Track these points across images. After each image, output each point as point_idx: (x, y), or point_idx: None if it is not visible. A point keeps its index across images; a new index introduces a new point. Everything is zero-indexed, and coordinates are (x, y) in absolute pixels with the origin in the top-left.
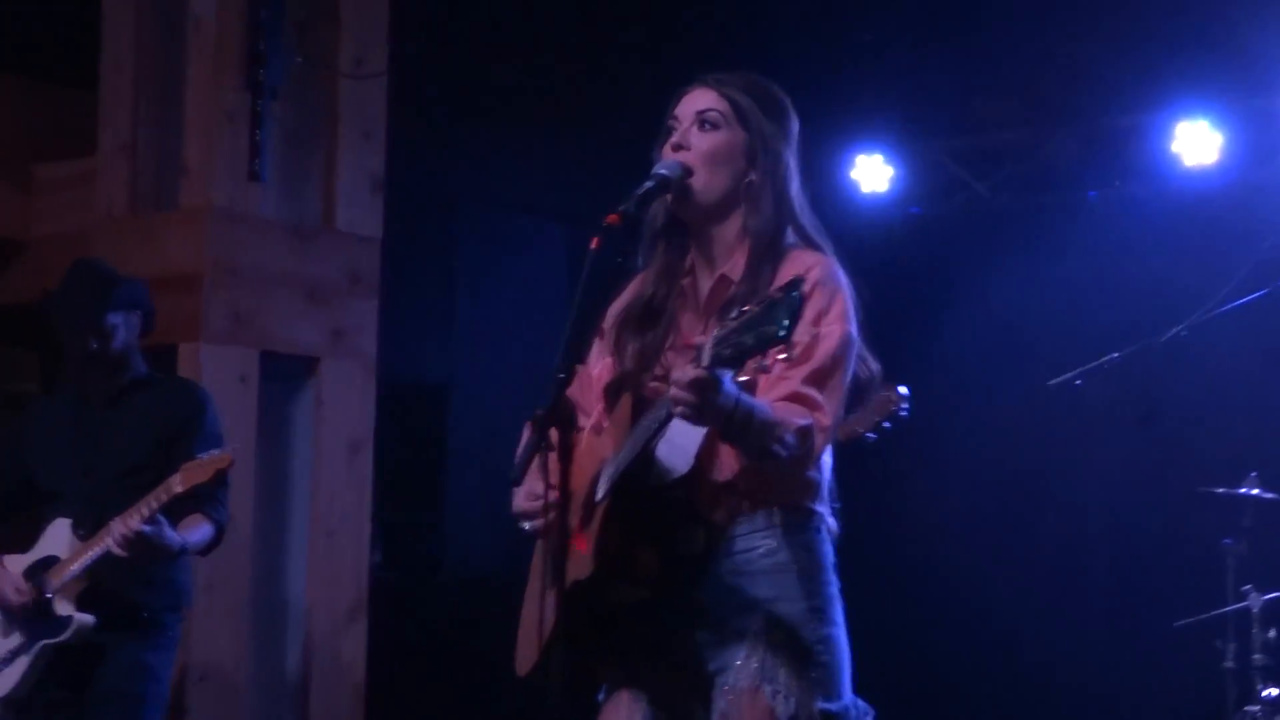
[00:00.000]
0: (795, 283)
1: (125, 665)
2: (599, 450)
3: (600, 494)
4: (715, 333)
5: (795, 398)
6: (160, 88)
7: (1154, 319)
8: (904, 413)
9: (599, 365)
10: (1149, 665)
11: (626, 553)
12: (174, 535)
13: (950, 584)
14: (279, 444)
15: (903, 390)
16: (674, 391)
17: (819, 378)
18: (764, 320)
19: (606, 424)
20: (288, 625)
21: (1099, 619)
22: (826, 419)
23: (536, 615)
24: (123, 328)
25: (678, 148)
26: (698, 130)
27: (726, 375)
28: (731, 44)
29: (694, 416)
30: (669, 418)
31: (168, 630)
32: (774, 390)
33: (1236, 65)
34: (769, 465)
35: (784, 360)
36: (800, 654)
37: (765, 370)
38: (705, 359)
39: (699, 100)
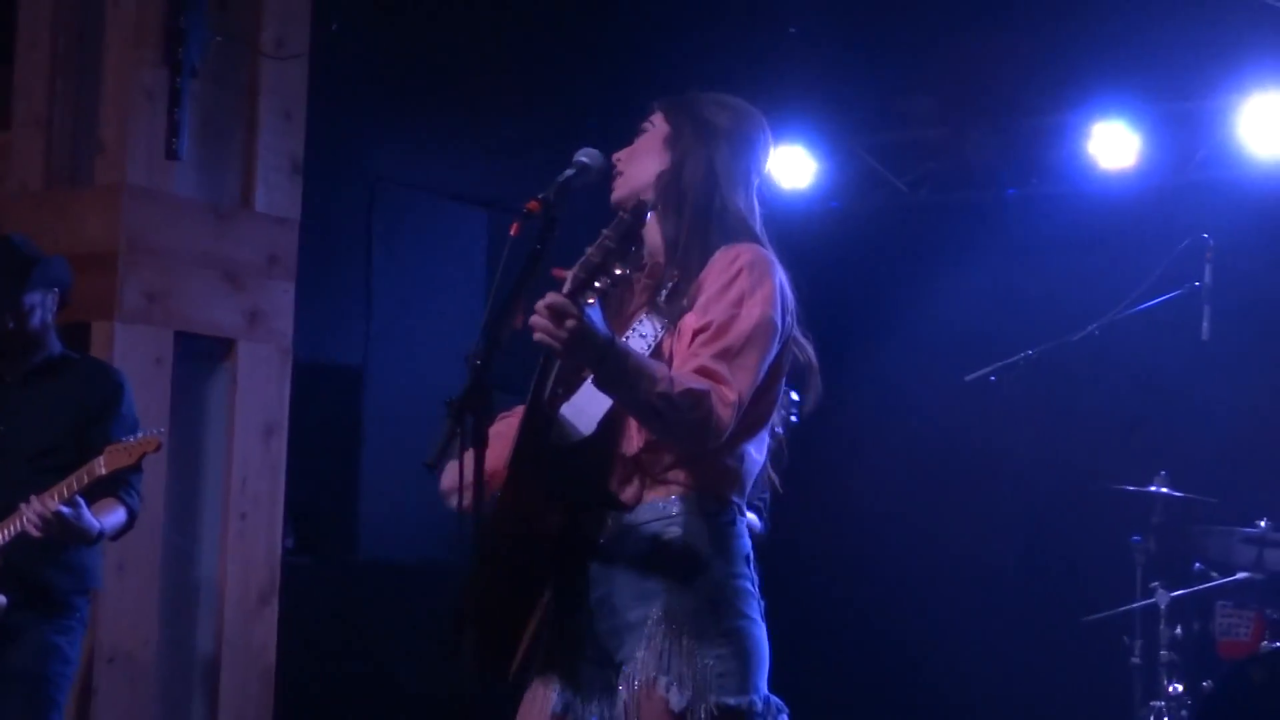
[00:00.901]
0: (642, 204)
1: (32, 646)
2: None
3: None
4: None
5: (701, 371)
6: (77, 63)
7: (1069, 317)
8: (795, 419)
9: None
10: (1057, 660)
11: (529, 512)
12: (92, 520)
13: (859, 576)
14: (193, 425)
15: (794, 395)
16: (534, 319)
17: (728, 354)
18: (606, 237)
19: None
20: (199, 608)
21: (1009, 614)
22: (730, 393)
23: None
24: (40, 307)
25: (616, 159)
26: (638, 142)
27: (594, 311)
28: (656, 35)
29: (554, 346)
30: (550, 364)
31: (76, 612)
32: (685, 365)
33: (1154, 68)
34: (660, 432)
35: (700, 334)
36: (700, 646)
37: (616, 284)
38: (568, 285)
39: (649, 116)
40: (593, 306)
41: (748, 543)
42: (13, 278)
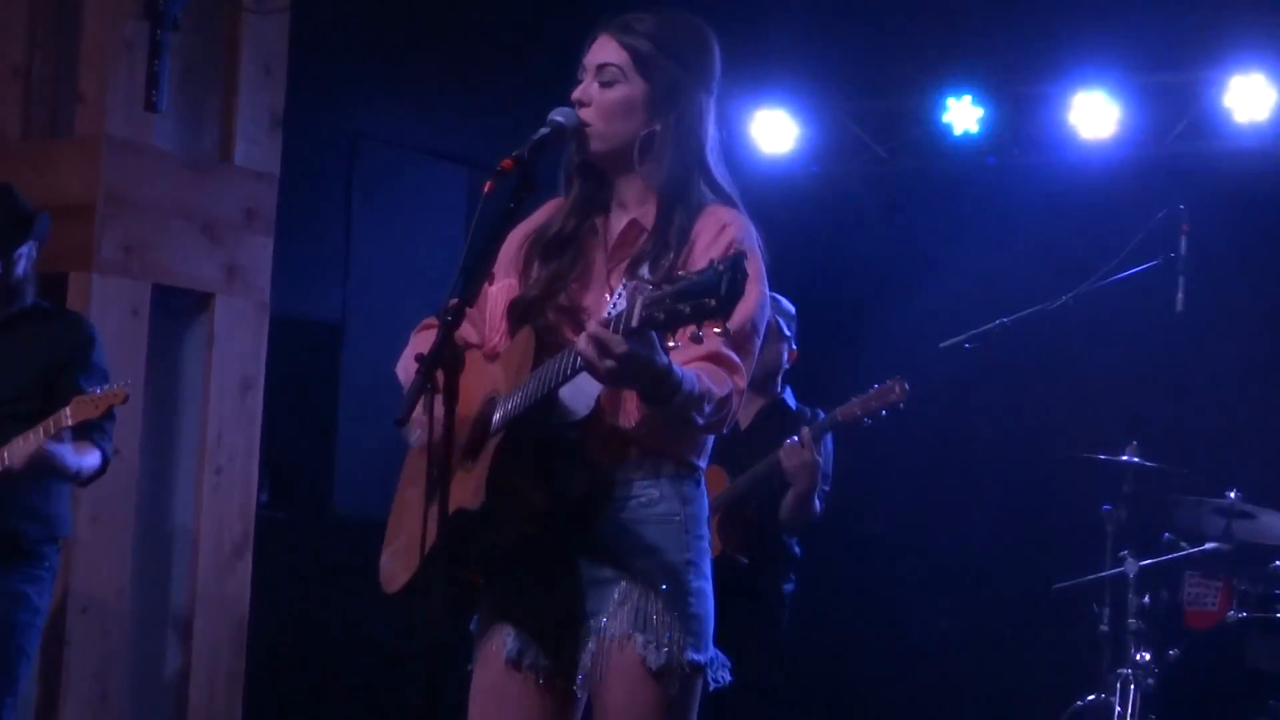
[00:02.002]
0: (739, 256)
1: (2, 595)
2: (489, 378)
3: (494, 427)
4: (646, 293)
5: (714, 358)
6: (57, 14)
7: (1045, 286)
8: (903, 406)
9: (501, 283)
10: (1027, 627)
11: (516, 490)
12: (73, 457)
13: (828, 540)
14: (169, 379)
15: (907, 386)
16: (582, 347)
17: (738, 340)
18: (702, 291)
19: (502, 350)
20: (173, 560)
21: (979, 581)
22: (742, 382)
23: (413, 532)
24: (25, 258)
25: (578, 103)
26: (597, 86)
27: (657, 347)
28: None
29: (602, 378)
30: (574, 367)
31: (45, 560)
32: (691, 349)
33: (1137, 40)
34: (682, 428)
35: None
36: (675, 604)
37: (699, 341)
38: (635, 319)
39: (600, 51)
40: (655, 343)
41: (707, 504)
42: (10, 227)
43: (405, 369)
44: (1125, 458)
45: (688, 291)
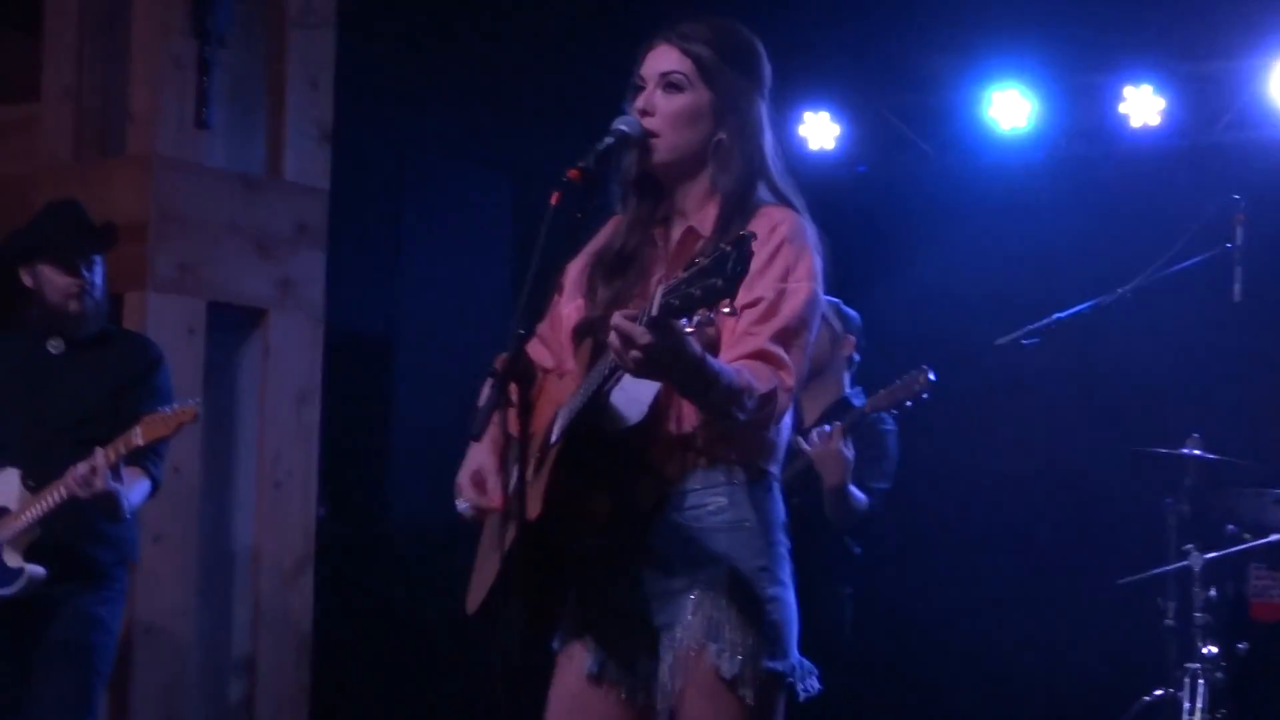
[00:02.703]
0: (745, 238)
1: (75, 617)
2: (558, 395)
3: (554, 437)
4: (665, 284)
5: (761, 355)
6: (106, 33)
7: (1100, 280)
8: (926, 396)
9: (569, 306)
10: (1092, 622)
11: (576, 498)
12: (125, 498)
13: (889, 539)
14: (226, 395)
15: (931, 376)
16: (610, 340)
17: (785, 336)
18: (712, 272)
19: (571, 367)
20: (234, 577)
21: (1043, 577)
22: (790, 379)
23: (490, 554)
24: (100, 275)
25: (643, 113)
26: (661, 93)
27: (689, 335)
28: (683, 1)
29: (632, 370)
30: (616, 367)
31: (116, 583)
32: (739, 346)
33: (1182, 28)
34: (724, 424)
35: (748, 310)
36: (748, 612)
37: (710, 323)
38: (654, 309)
39: (662, 60)
40: (687, 334)
41: (783, 510)
42: (95, 235)
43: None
44: (1186, 451)
45: (697, 275)
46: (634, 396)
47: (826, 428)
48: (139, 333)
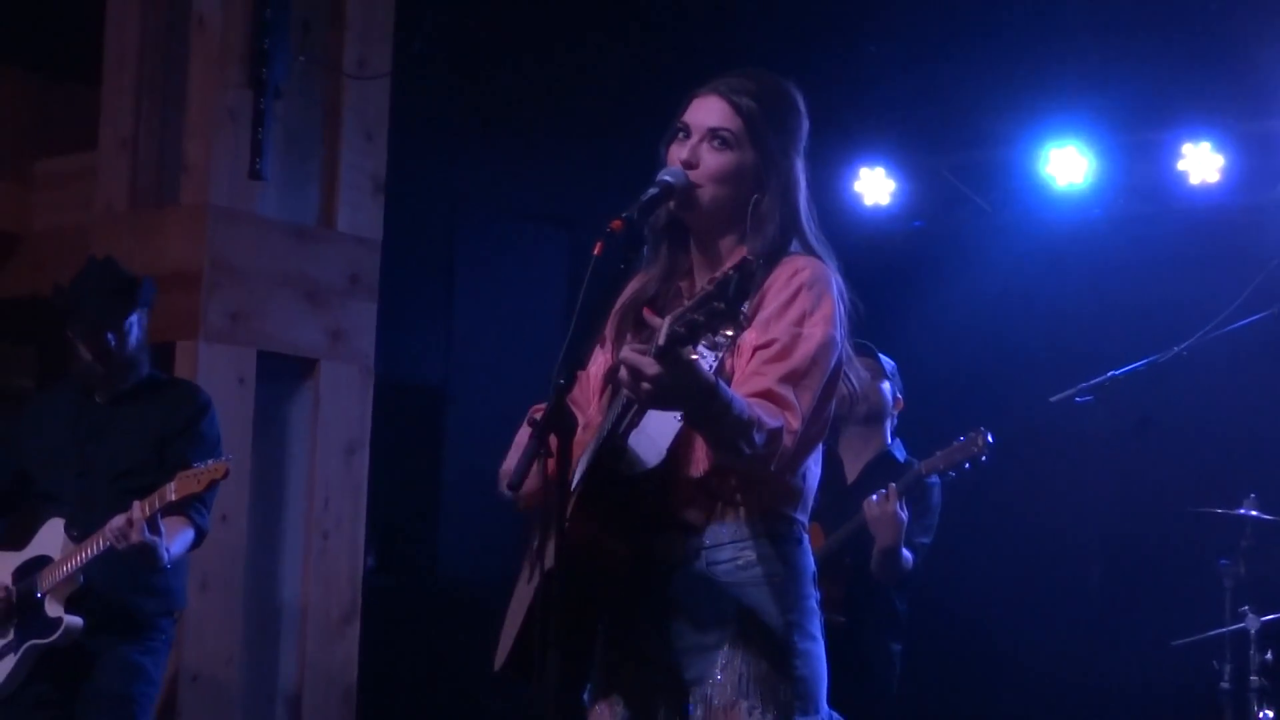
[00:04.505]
0: (746, 261)
1: (117, 666)
2: (585, 443)
3: (574, 484)
4: (671, 314)
5: (768, 395)
6: (163, 84)
7: (1155, 337)
8: (985, 459)
9: (597, 363)
10: (1146, 684)
11: (596, 543)
12: (165, 550)
13: (946, 601)
14: (275, 445)
15: (989, 438)
16: (621, 373)
17: (795, 377)
18: (715, 297)
19: (596, 417)
20: (281, 627)
21: (1097, 638)
22: (796, 421)
23: (516, 611)
24: (137, 325)
25: (687, 165)
26: (709, 147)
27: (699, 363)
28: (734, 55)
29: (644, 402)
30: (631, 403)
31: (161, 633)
32: (748, 384)
33: (1240, 87)
34: (732, 462)
35: (761, 351)
36: (777, 668)
37: (724, 348)
38: (662, 338)
39: (712, 113)
40: (695, 362)
41: (812, 561)
42: (117, 296)
43: (519, 446)
44: (1243, 511)
45: (701, 301)
46: (651, 440)
47: (882, 491)
48: (186, 380)
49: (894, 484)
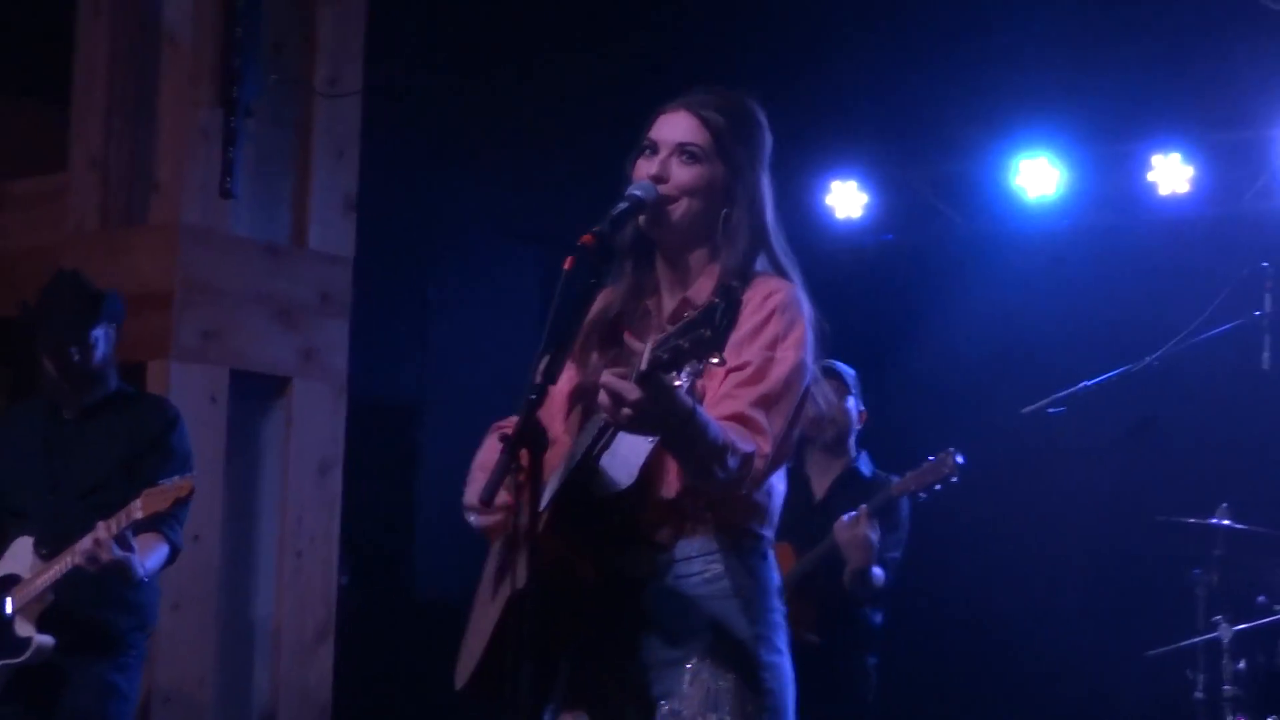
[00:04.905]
0: (732, 288)
1: (91, 685)
2: (553, 462)
3: (544, 503)
4: (654, 337)
5: (740, 419)
6: (133, 104)
7: (1127, 348)
8: (955, 480)
9: (564, 378)
10: (1120, 694)
11: (565, 563)
12: (139, 565)
13: (922, 614)
14: (248, 463)
15: (959, 459)
16: (600, 399)
17: (767, 402)
18: (700, 324)
19: (563, 435)
20: (255, 646)
21: (1070, 648)
22: (768, 445)
23: (479, 628)
24: (103, 340)
25: (656, 179)
26: (678, 161)
27: (680, 387)
28: (705, 70)
29: (623, 425)
30: (607, 426)
31: (133, 650)
32: (720, 407)
33: (1209, 98)
34: (703, 484)
35: (733, 374)
36: (746, 681)
37: (701, 375)
38: (644, 364)
39: (679, 128)
40: (676, 388)
41: (778, 576)
42: (81, 310)
43: (481, 468)
44: (1215, 520)
45: (686, 328)
46: (624, 460)
47: (853, 513)
48: (155, 394)
49: (865, 506)
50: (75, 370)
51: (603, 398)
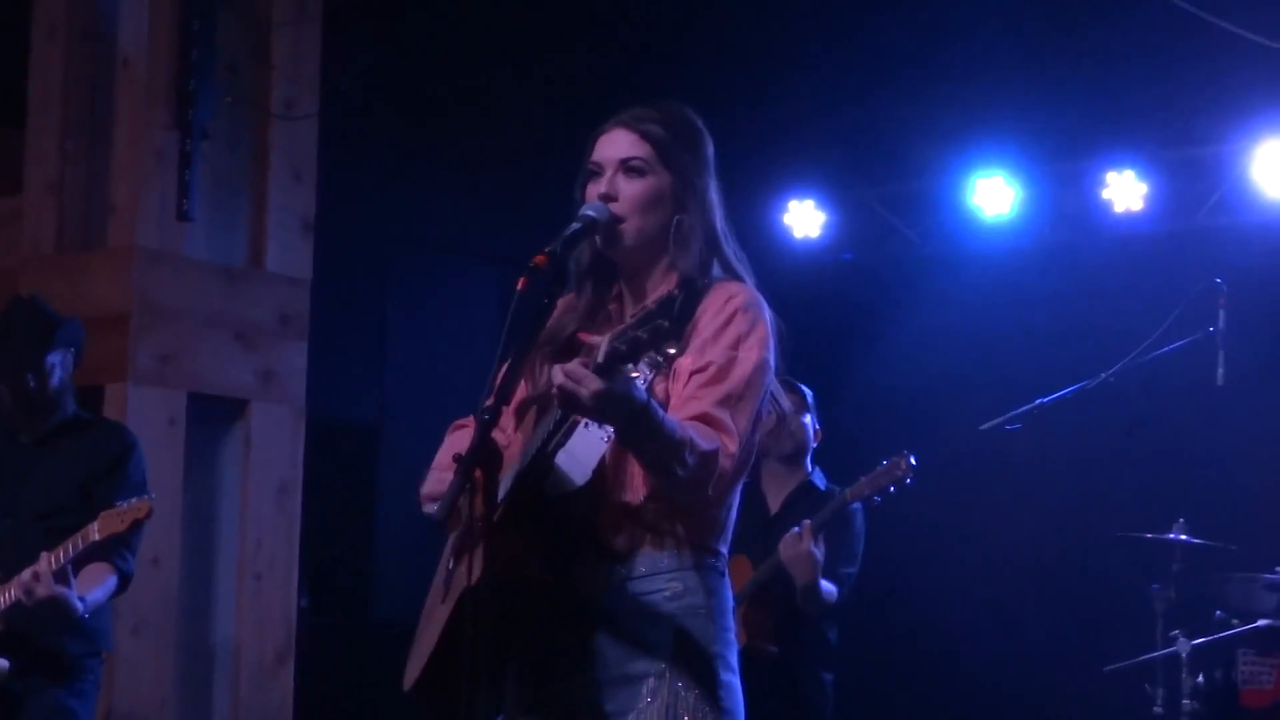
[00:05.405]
0: (691, 281)
1: (46, 710)
2: (508, 465)
3: (499, 498)
4: (611, 331)
5: (705, 418)
6: (88, 127)
7: (1083, 364)
8: (910, 481)
9: (517, 396)
10: (1079, 709)
11: (518, 563)
12: (77, 602)
13: (880, 629)
14: (207, 486)
15: (913, 460)
16: (558, 381)
17: (731, 400)
18: (658, 315)
19: (515, 439)
20: (215, 670)
21: (1029, 663)
22: (732, 444)
23: (428, 630)
24: (59, 367)
25: (606, 198)
26: (624, 178)
27: (635, 380)
28: (662, 91)
29: (576, 409)
30: (563, 418)
31: (88, 674)
32: (685, 408)
33: (1163, 115)
34: (665, 484)
35: (697, 375)
36: (706, 699)
37: (661, 367)
38: (601, 355)
39: (619, 145)
40: (633, 379)
41: (731, 595)
42: (36, 337)
43: (439, 468)
44: (1173, 536)
45: (644, 319)
46: (579, 459)
47: (796, 529)
48: (113, 420)
49: (808, 521)
50: (31, 396)
51: (561, 380)
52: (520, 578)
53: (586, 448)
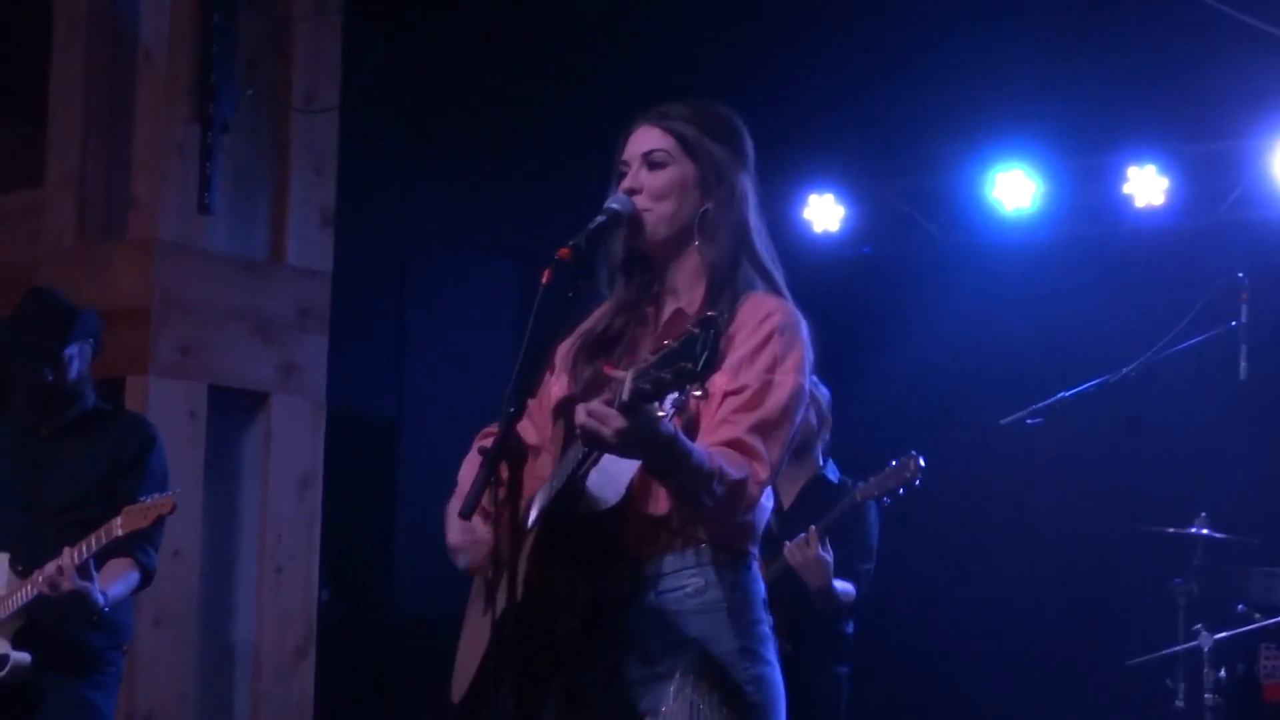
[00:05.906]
0: (712, 319)
1: (68, 703)
2: (540, 473)
3: (530, 521)
4: (635, 367)
5: (737, 445)
6: (109, 120)
7: (1104, 359)
8: (918, 483)
9: (550, 390)
10: (1101, 704)
11: (554, 583)
12: (99, 596)
13: (898, 624)
14: (228, 479)
15: (921, 462)
16: (580, 421)
17: (765, 427)
18: (681, 355)
19: (549, 446)
20: (235, 663)
21: (1051, 658)
22: (764, 472)
23: (472, 643)
24: (78, 358)
25: (630, 192)
26: (646, 171)
27: (663, 417)
28: (682, 86)
29: (599, 447)
30: (590, 451)
31: (110, 667)
32: (717, 432)
33: (1185, 110)
34: (693, 512)
35: (731, 398)
36: (730, 695)
37: (684, 407)
38: (625, 393)
39: (644, 140)
40: (658, 416)
41: (763, 587)
42: (54, 329)
43: (468, 466)
44: (1194, 530)
45: (668, 359)
46: (611, 478)
47: (802, 535)
48: (134, 413)
49: (813, 527)
50: (49, 388)
51: (585, 420)
52: (557, 596)
53: (619, 465)
